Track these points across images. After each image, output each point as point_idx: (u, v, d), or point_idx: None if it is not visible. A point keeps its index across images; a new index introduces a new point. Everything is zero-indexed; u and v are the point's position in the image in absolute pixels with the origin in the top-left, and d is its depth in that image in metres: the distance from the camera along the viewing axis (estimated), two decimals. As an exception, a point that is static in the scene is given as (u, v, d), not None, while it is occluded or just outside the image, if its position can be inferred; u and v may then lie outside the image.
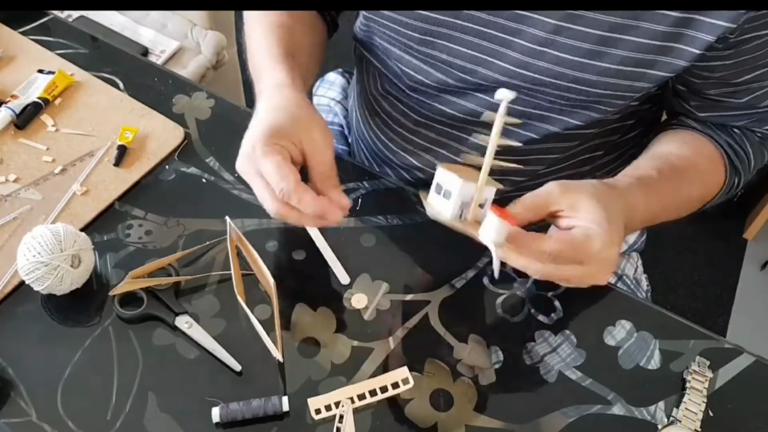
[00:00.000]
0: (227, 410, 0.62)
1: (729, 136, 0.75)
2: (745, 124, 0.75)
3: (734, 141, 0.75)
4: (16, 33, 0.91)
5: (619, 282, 0.92)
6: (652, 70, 0.66)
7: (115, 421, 0.62)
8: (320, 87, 1.11)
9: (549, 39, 0.66)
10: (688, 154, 0.74)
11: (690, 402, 0.66)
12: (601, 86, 0.68)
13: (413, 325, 0.69)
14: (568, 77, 0.68)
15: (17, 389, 0.63)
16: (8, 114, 0.80)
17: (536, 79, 0.70)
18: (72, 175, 0.77)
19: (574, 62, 0.67)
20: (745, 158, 0.75)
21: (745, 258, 1.89)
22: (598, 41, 0.65)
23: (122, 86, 0.87)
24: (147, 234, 0.74)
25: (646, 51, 0.65)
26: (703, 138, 0.75)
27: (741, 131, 0.75)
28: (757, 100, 0.71)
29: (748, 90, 0.70)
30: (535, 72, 0.69)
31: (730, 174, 0.75)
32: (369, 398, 0.63)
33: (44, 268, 0.64)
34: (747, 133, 0.76)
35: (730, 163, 0.74)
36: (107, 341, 0.66)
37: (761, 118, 0.74)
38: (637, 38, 0.64)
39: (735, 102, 0.71)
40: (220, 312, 0.69)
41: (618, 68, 0.66)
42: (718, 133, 0.75)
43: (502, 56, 0.70)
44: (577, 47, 0.66)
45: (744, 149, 0.75)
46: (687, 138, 0.76)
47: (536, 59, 0.68)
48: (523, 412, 0.65)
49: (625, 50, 0.65)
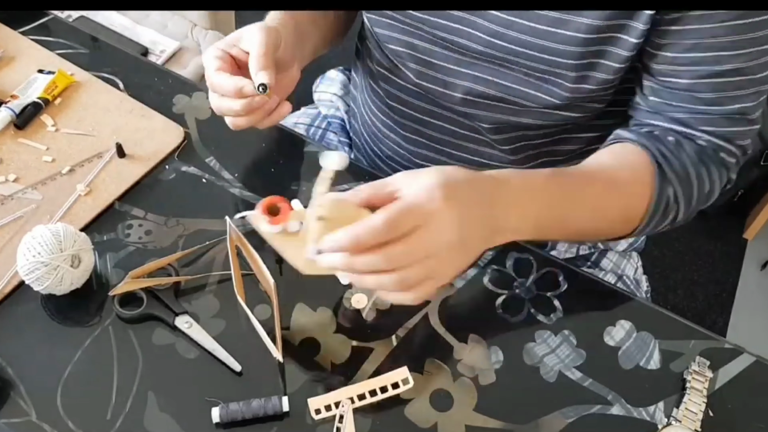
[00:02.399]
0: (227, 410, 0.62)
1: (662, 145, 0.71)
2: (686, 119, 0.71)
3: (666, 148, 0.70)
4: (16, 33, 0.91)
5: (619, 282, 0.92)
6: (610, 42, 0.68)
7: (115, 421, 0.62)
8: (321, 84, 1.11)
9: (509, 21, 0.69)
10: (610, 163, 0.71)
11: (690, 402, 0.66)
12: (568, 56, 0.69)
13: (413, 325, 0.69)
14: (537, 46, 0.70)
15: (17, 389, 0.63)
16: (8, 114, 0.80)
17: (509, 49, 0.71)
18: (74, 175, 0.77)
19: (539, 30, 0.68)
20: (680, 168, 0.70)
21: (745, 258, 1.89)
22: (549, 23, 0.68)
23: (122, 86, 0.87)
24: (147, 234, 0.74)
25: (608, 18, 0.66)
26: (634, 148, 0.71)
27: (675, 139, 0.71)
28: (699, 87, 0.68)
29: (692, 72, 0.68)
30: (507, 42, 0.71)
31: (659, 183, 0.69)
32: (369, 398, 0.63)
33: (44, 268, 0.64)
34: (683, 142, 0.71)
35: (659, 170, 0.69)
36: (107, 341, 0.66)
37: (702, 113, 0.70)
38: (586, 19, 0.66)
39: (678, 82, 0.69)
40: (220, 312, 0.69)
41: (584, 36, 0.67)
42: (652, 142, 0.71)
43: (477, 26, 0.72)
44: (542, 15, 0.68)
45: (679, 158, 0.70)
46: (616, 148, 0.73)
47: (508, 29, 0.70)
48: (522, 412, 0.65)
49: (589, 18, 0.66)
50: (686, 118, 0.71)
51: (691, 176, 0.70)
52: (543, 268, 0.75)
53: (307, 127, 1.05)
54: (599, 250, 0.94)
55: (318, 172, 0.57)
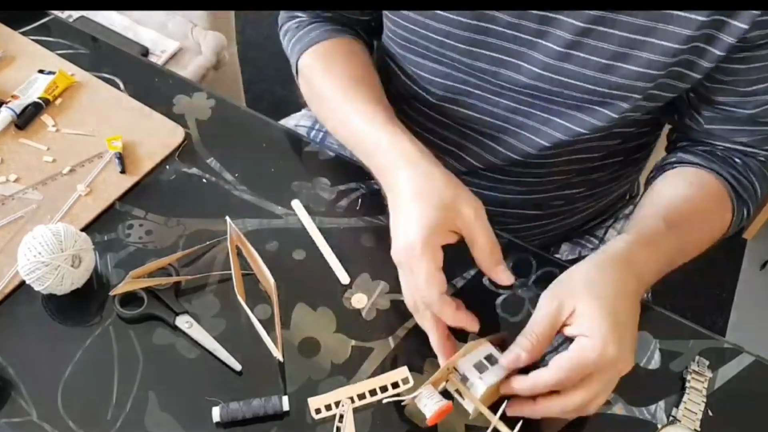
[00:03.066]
0: (227, 410, 0.62)
1: (732, 168, 0.74)
2: (749, 141, 0.73)
3: (738, 173, 0.73)
4: (17, 33, 0.91)
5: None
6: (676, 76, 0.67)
7: (116, 421, 0.62)
8: None
9: (575, 41, 0.66)
10: (694, 195, 0.72)
11: (690, 402, 0.66)
12: (625, 89, 0.68)
13: (413, 325, 0.69)
14: (592, 80, 0.68)
15: (18, 389, 0.63)
16: (9, 114, 0.81)
17: (561, 82, 0.69)
18: (74, 175, 0.78)
19: (599, 64, 0.66)
20: (750, 187, 0.74)
21: (744, 258, 1.89)
22: (623, 43, 0.65)
23: (122, 86, 0.87)
24: (147, 234, 0.74)
25: (672, 54, 0.64)
26: (707, 175, 0.73)
27: (743, 161, 0.74)
28: (761, 114, 0.70)
29: (756, 101, 0.69)
30: (561, 75, 0.69)
31: (738, 208, 0.73)
32: (369, 398, 0.64)
33: (45, 268, 0.64)
34: (749, 163, 0.74)
35: (736, 195, 0.73)
36: (108, 341, 0.67)
37: (761, 134, 0.72)
38: (663, 41, 0.64)
39: (742, 113, 0.70)
40: (221, 312, 0.69)
41: (643, 71, 0.66)
42: (721, 166, 0.73)
43: (527, 58, 0.70)
44: (603, 49, 0.66)
45: (748, 179, 0.74)
46: (692, 178, 0.74)
47: (562, 62, 0.68)
48: (522, 411, 0.65)
49: (652, 53, 0.65)
50: (749, 141, 0.73)
51: (758, 193, 0.75)
52: (543, 268, 0.75)
53: (308, 130, 1.04)
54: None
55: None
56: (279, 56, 1.36)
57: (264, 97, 2.01)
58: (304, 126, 1.06)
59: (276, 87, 2.02)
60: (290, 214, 0.77)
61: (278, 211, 0.77)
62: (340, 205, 0.78)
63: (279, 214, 0.76)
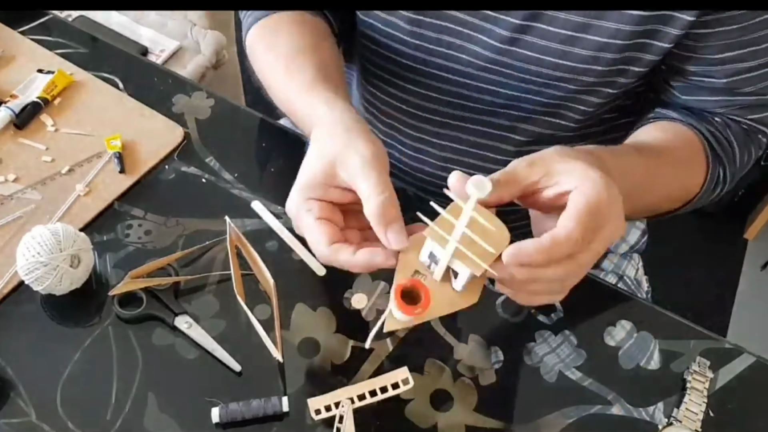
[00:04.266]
0: (227, 410, 0.62)
1: (709, 124, 0.72)
2: (727, 112, 0.72)
3: (715, 129, 0.72)
4: (16, 32, 0.91)
5: (619, 282, 0.92)
6: (641, 48, 0.67)
7: (115, 421, 0.62)
8: None
9: (536, 13, 0.67)
10: (667, 137, 0.71)
11: (690, 402, 0.66)
12: (583, 72, 0.69)
13: (413, 325, 0.69)
14: (557, 53, 0.68)
15: (16, 389, 0.63)
16: (7, 114, 0.80)
17: (518, 67, 0.70)
18: (73, 175, 0.77)
19: (562, 36, 0.67)
20: (729, 147, 0.72)
21: (745, 258, 1.89)
22: (574, 28, 0.66)
23: (122, 86, 0.87)
24: (146, 234, 0.74)
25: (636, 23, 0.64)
26: (683, 127, 0.73)
27: (723, 120, 0.73)
28: (739, 84, 0.69)
29: (729, 70, 0.68)
30: (516, 58, 0.70)
31: (712, 162, 0.72)
32: (369, 398, 0.63)
33: (43, 268, 0.63)
34: (730, 123, 0.73)
35: (711, 150, 0.71)
36: (107, 341, 0.66)
37: (744, 104, 0.72)
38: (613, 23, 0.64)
39: (716, 82, 0.69)
40: (220, 312, 0.69)
41: (606, 41, 0.66)
42: (699, 121, 0.72)
43: (480, 41, 0.71)
44: (554, 33, 0.67)
45: (726, 138, 0.72)
46: (666, 126, 0.73)
47: (514, 46, 0.69)
48: (523, 412, 0.65)
49: (603, 36, 0.65)
50: (728, 111, 0.72)
51: (737, 156, 0.72)
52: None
53: None
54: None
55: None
56: (279, 56, 1.35)
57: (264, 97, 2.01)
58: None
59: (276, 87, 2.01)
60: (290, 214, 0.76)
61: (278, 211, 0.77)
62: (340, 204, 0.78)
63: (279, 214, 0.76)
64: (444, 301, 0.54)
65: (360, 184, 0.53)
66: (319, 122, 0.59)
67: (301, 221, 0.56)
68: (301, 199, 0.55)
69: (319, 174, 0.55)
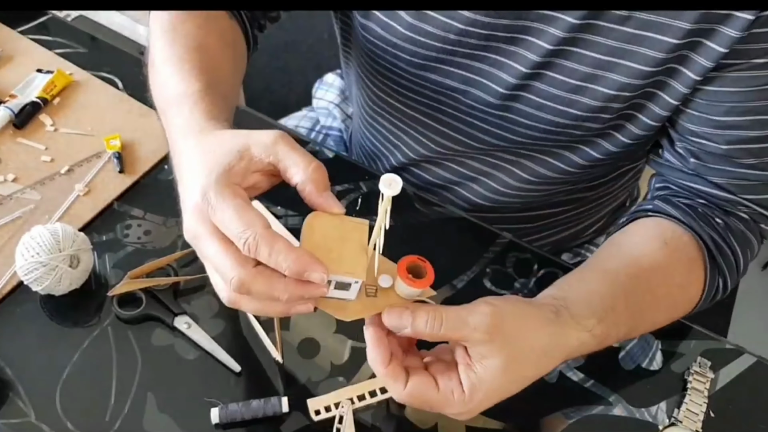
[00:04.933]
0: (226, 411, 0.61)
1: (713, 230, 0.68)
2: (725, 184, 0.68)
3: (718, 236, 0.68)
4: (15, 32, 0.91)
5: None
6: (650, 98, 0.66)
7: (114, 422, 0.62)
8: (319, 89, 1.10)
9: (546, 61, 0.66)
10: (665, 260, 0.66)
11: (691, 403, 0.66)
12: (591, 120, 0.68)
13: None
14: (564, 101, 0.67)
15: (16, 390, 0.63)
16: (7, 113, 0.80)
17: (532, 102, 0.69)
18: (73, 175, 0.77)
19: (569, 85, 0.66)
20: (731, 255, 0.68)
21: (745, 258, 1.88)
22: (582, 78, 0.65)
23: (121, 86, 0.87)
24: (146, 234, 0.74)
25: (645, 77, 0.63)
26: (686, 235, 0.67)
27: (724, 222, 0.69)
28: (739, 154, 0.66)
29: (729, 136, 0.65)
30: (532, 94, 0.68)
31: (710, 274, 0.67)
32: (369, 399, 0.63)
33: (43, 268, 0.63)
34: (730, 224, 0.69)
35: (711, 260, 0.67)
36: (106, 342, 0.66)
37: (739, 178, 0.67)
38: (636, 64, 0.63)
39: (715, 147, 0.66)
40: (220, 312, 0.69)
41: (616, 93, 0.65)
42: (701, 225, 0.67)
43: (486, 87, 0.70)
44: (574, 70, 0.65)
45: (729, 245, 0.68)
46: (668, 235, 0.67)
47: (533, 81, 0.67)
48: (523, 412, 0.65)
49: (624, 76, 0.64)
50: (726, 183, 0.68)
51: (740, 262, 0.69)
52: (543, 268, 0.75)
53: (308, 131, 1.04)
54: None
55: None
56: (279, 56, 1.35)
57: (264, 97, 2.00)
58: (304, 127, 1.05)
59: (276, 87, 2.01)
60: (290, 214, 0.76)
61: (278, 211, 0.76)
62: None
63: (278, 214, 0.76)
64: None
65: (290, 154, 0.49)
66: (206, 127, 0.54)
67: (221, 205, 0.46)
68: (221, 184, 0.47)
69: (233, 162, 0.49)
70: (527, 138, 0.74)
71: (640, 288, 0.63)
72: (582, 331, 0.56)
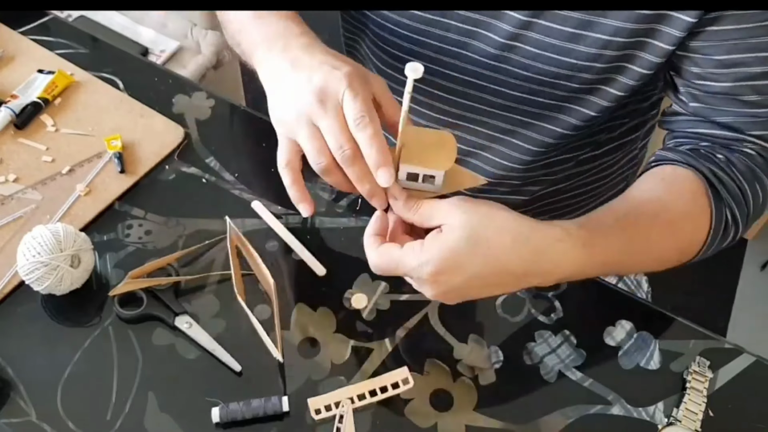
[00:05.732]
0: (227, 410, 0.62)
1: (712, 163, 0.68)
2: (732, 122, 0.69)
3: (718, 168, 0.68)
4: (16, 33, 0.91)
5: (619, 282, 0.92)
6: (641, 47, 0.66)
7: (115, 421, 0.62)
8: None
9: (527, 21, 0.67)
10: (666, 195, 0.67)
11: (690, 402, 0.66)
12: (585, 69, 0.68)
13: (413, 325, 0.69)
14: (560, 50, 0.68)
15: (17, 389, 0.63)
16: (8, 114, 0.80)
17: (529, 52, 0.70)
18: (74, 175, 0.77)
19: (565, 33, 0.67)
20: (735, 187, 0.67)
21: (745, 258, 1.89)
22: (576, 25, 0.66)
23: (122, 86, 0.87)
24: (147, 234, 0.74)
25: (637, 21, 0.64)
26: (683, 171, 0.68)
27: (726, 157, 0.69)
28: (743, 91, 0.66)
29: (732, 74, 0.65)
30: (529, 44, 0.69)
31: (716, 206, 0.67)
32: (369, 398, 0.63)
33: (44, 268, 0.64)
34: (731, 158, 0.69)
35: (714, 192, 0.67)
36: (107, 341, 0.66)
37: (745, 115, 0.68)
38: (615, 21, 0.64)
39: (719, 86, 0.67)
40: (220, 312, 0.69)
41: (609, 39, 0.66)
42: (700, 161, 0.68)
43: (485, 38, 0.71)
44: (567, 17, 0.66)
45: (731, 175, 0.68)
46: (667, 174, 0.68)
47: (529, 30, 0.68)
48: (523, 412, 0.65)
49: (605, 34, 0.65)
50: (732, 121, 0.68)
51: (746, 194, 0.68)
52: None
53: None
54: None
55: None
56: (279, 56, 1.35)
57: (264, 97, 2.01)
58: None
59: (276, 87, 2.02)
60: (290, 213, 0.76)
61: (278, 211, 0.77)
62: (340, 205, 0.78)
63: (279, 214, 0.76)
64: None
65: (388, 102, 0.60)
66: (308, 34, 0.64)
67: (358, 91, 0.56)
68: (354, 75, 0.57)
69: (359, 70, 0.59)
70: (524, 92, 0.74)
71: (634, 212, 0.64)
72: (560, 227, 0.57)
